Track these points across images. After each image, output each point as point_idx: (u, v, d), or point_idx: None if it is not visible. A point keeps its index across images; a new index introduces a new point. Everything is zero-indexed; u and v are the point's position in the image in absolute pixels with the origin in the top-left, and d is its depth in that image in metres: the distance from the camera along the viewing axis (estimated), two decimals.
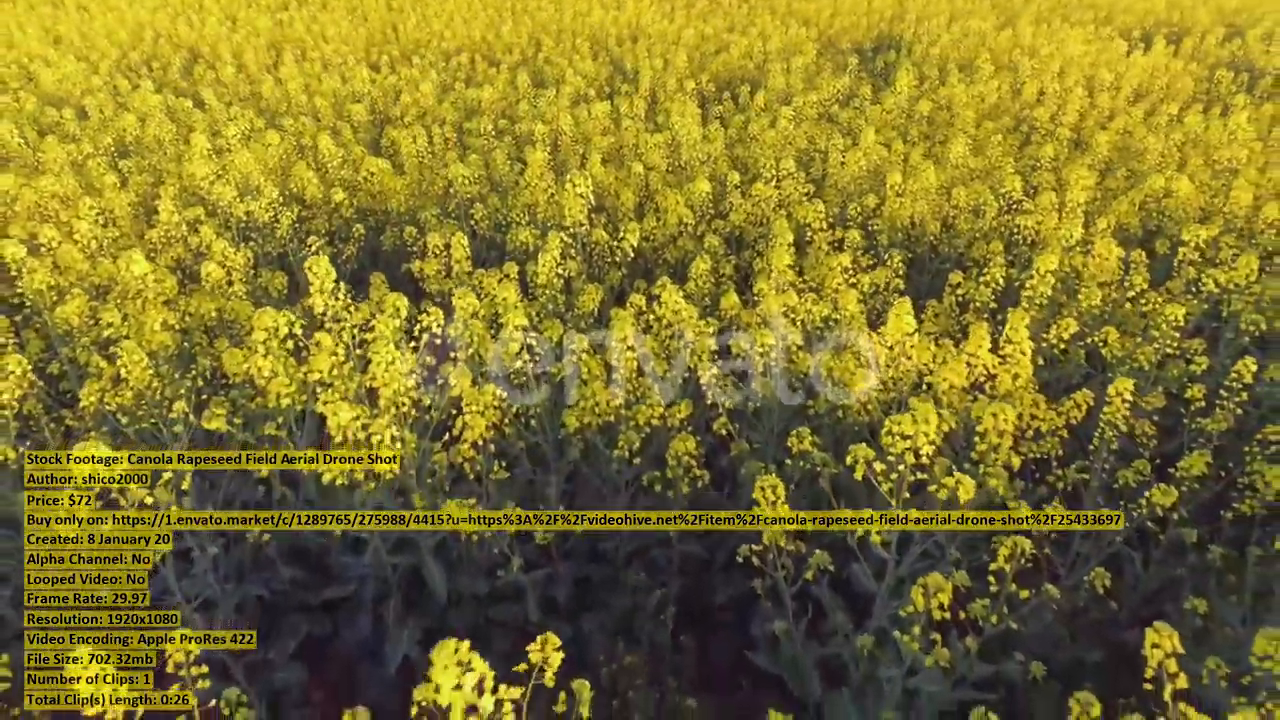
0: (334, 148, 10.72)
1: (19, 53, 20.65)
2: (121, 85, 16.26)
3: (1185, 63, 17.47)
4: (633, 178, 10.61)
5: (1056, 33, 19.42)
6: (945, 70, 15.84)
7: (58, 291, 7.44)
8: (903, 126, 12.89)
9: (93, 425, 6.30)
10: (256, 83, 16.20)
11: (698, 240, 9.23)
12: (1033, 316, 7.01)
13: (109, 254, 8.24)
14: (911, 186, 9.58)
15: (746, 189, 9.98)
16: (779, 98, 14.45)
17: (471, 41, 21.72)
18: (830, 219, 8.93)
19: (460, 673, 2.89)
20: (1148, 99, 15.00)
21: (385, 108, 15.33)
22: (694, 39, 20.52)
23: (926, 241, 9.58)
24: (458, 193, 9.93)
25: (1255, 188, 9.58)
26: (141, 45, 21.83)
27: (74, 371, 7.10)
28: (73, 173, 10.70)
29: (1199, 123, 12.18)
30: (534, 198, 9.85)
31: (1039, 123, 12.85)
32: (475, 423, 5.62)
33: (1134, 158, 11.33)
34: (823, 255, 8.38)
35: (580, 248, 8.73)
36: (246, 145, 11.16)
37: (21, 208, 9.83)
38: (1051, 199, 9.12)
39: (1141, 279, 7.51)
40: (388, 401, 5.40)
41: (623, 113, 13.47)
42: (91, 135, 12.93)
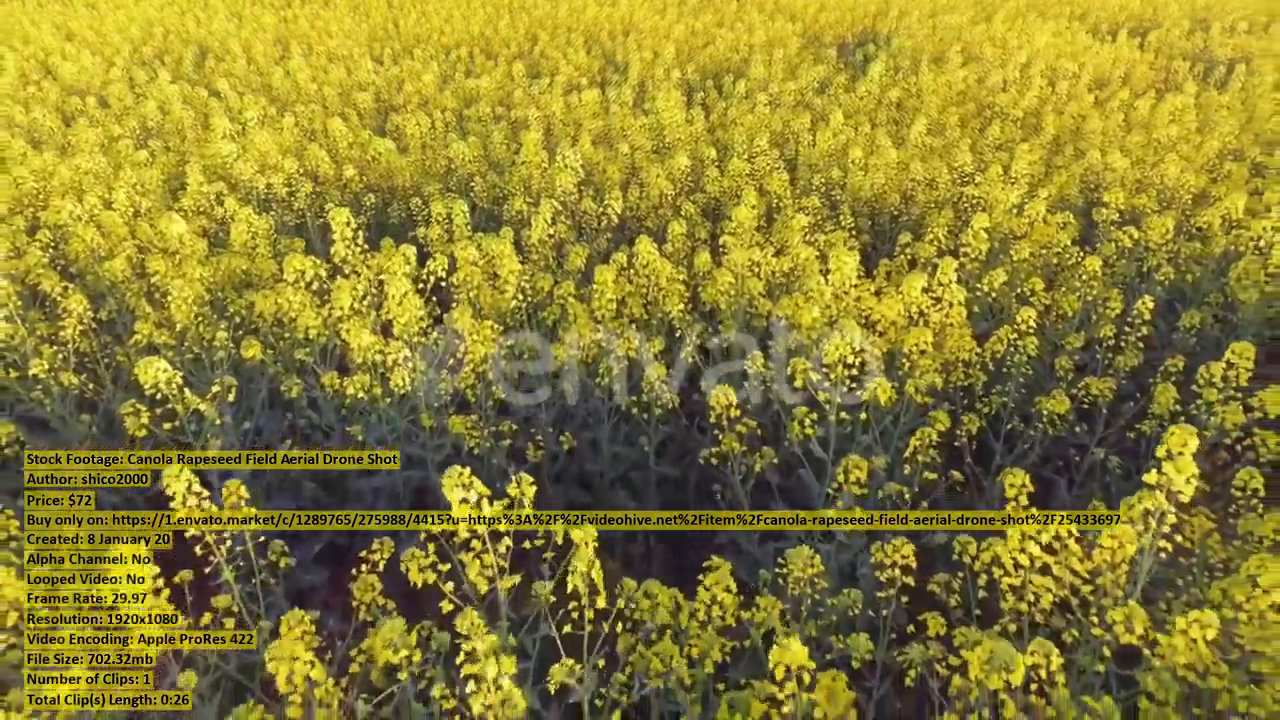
0: (344, 129, 11.62)
1: (35, 48, 21.54)
2: (138, 76, 17.16)
3: (1148, 54, 18.42)
4: (619, 157, 11.53)
5: (1028, 26, 20.36)
6: (918, 61, 16.77)
7: (102, 252, 8.36)
8: (872, 112, 13.82)
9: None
10: (266, 74, 17.09)
11: (676, 210, 10.14)
12: (969, 269, 7.96)
13: (147, 219, 9.14)
14: (873, 162, 10.51)
15: (724, 166, 10.90)
16: (760, 86, 15.37)
17: (470, 37, 22.63)
18: (799, 192, 9.85)
19: (465, 490, 3.83)
20: (1108, 87, 15.93)
21: (390, 96, 16.24)
22: (684, 33, 21.44)
23: (887, 212, 10.51)
24: (459, 169, 10.84)
25: (1186, 162, 10.52)
26: (152, 40, 22.72)
27: (120, 319, 7.99)
28: (101, 152, 11.61)
29: (1146, 106, 13.12)
30: (529, 173, 10.76)
31: (1000, 108, 13.79)
32: (476, 350, 6.54)
33: (1082, 138, 12.26)
34: (789, 220, 9.30)
35: (570, 215, 9.64)
36: (262, 128, 12.06)
37: (57, 183, 10.74)
38: (999, 172, 10.04)
39: (1069, 236, 8.43)
40: (401, 329, 6.32)
41: (611, 100, 14.38)
42: (116, 120, 13.83)
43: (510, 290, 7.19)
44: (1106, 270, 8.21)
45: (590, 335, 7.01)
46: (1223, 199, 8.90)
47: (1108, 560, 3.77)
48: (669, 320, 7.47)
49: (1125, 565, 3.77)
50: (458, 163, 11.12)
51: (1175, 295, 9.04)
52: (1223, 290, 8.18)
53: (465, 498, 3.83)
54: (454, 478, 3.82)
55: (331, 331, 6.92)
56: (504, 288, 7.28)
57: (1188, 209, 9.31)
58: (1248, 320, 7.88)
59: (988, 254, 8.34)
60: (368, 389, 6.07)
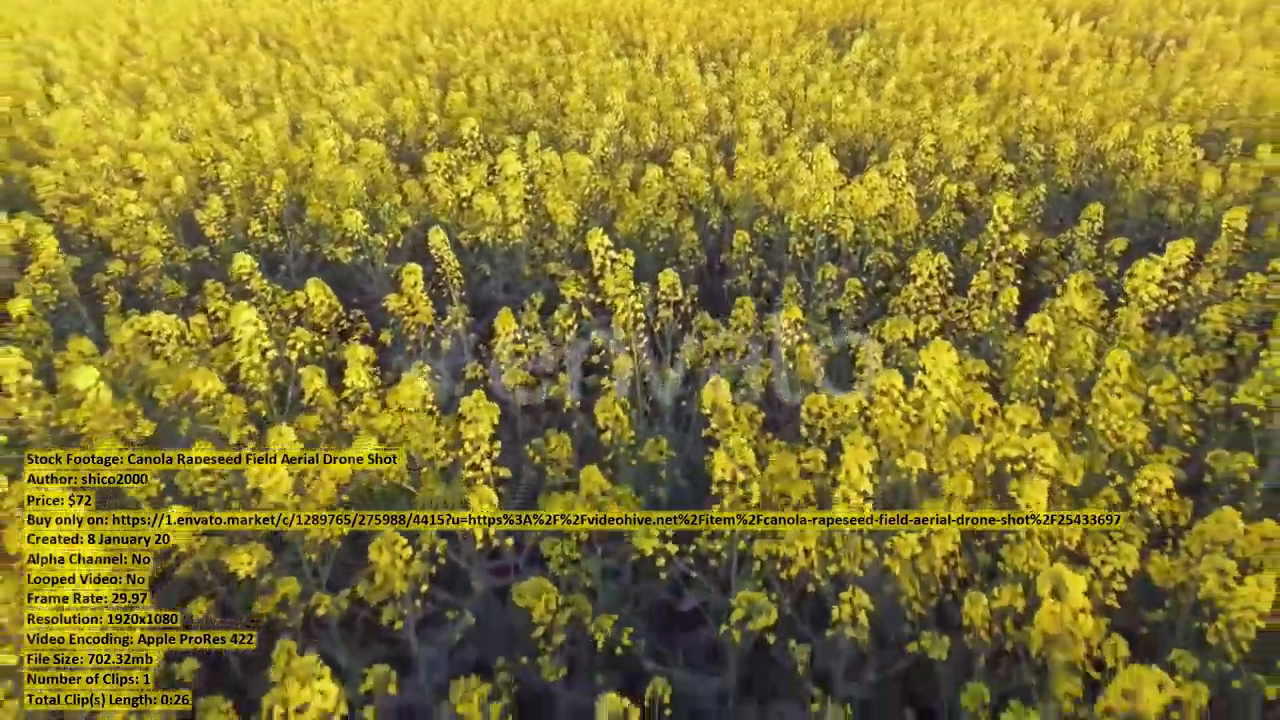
0: (427, 84, 14.40)
1: (108, 34, 24.25)
2: (222, 52, 19.87)
3: (1098, 34, 21.22)
4: (648, 109, 14.27)
5: (996, 12, 23.13)
6: (897, 38, 19.55)
7: (269, 159, 11.14)
8: (855, 76, 16.59)
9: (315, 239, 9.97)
10: (337, 51, 19.81)
11: (696, 141, 12.91)
12: (919, 176, 10.73)
13: (298, 143, 11.91)
14: (851, 108, 13.28)
15: (735, 111, 13.65)
16: (761, 57, 18.14)
17: (499, 22, 25.36)
18: (793, 129, 12.58)
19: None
20: (1058, 61, 18.70)
21: (446, 66, 18.98)
22: (693, 18, 24.19)
23: (862, 148, 13.29)
24: (519, 116, 13.59)
25: (1101, 108, 13.32)
26: (213, 25, 25.43)
27: (288, 208, 10.67)
28: (232, 99, 14.38)
29: (1079, 71, 15.93)
30: (579, 116, 13.50)
31: (961, 73, 16.56)
32: (563, 219, 9.27)
33: (1025, 93, 15.04)
34: (786, 147, 12.08)
35: (617, 142, 12.40)
36: (358, 84, 14.84)
37: (199, 124, 13.48)
38: (950, 114, 12.81)
39: (994, 152, 11.20)
40: (514, 200, 9.05)
41: (635, 68, 17.13)
42: (230, 77, 16.60)
43: (584, 181, 9.94)
44: (1021, 173, 11.05)
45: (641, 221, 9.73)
46: (1114, 129, 11.68)
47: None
48: (696, 207, 10.22)
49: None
50: (519, 111, 13.85)
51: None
52: (1113, 188, 11.03)
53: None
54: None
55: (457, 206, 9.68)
56: (578, 179, 10.03)
57: (1090, 137, 12.11)
58: (1128, 205, 10.70)
59: (935, 166, 11.10)
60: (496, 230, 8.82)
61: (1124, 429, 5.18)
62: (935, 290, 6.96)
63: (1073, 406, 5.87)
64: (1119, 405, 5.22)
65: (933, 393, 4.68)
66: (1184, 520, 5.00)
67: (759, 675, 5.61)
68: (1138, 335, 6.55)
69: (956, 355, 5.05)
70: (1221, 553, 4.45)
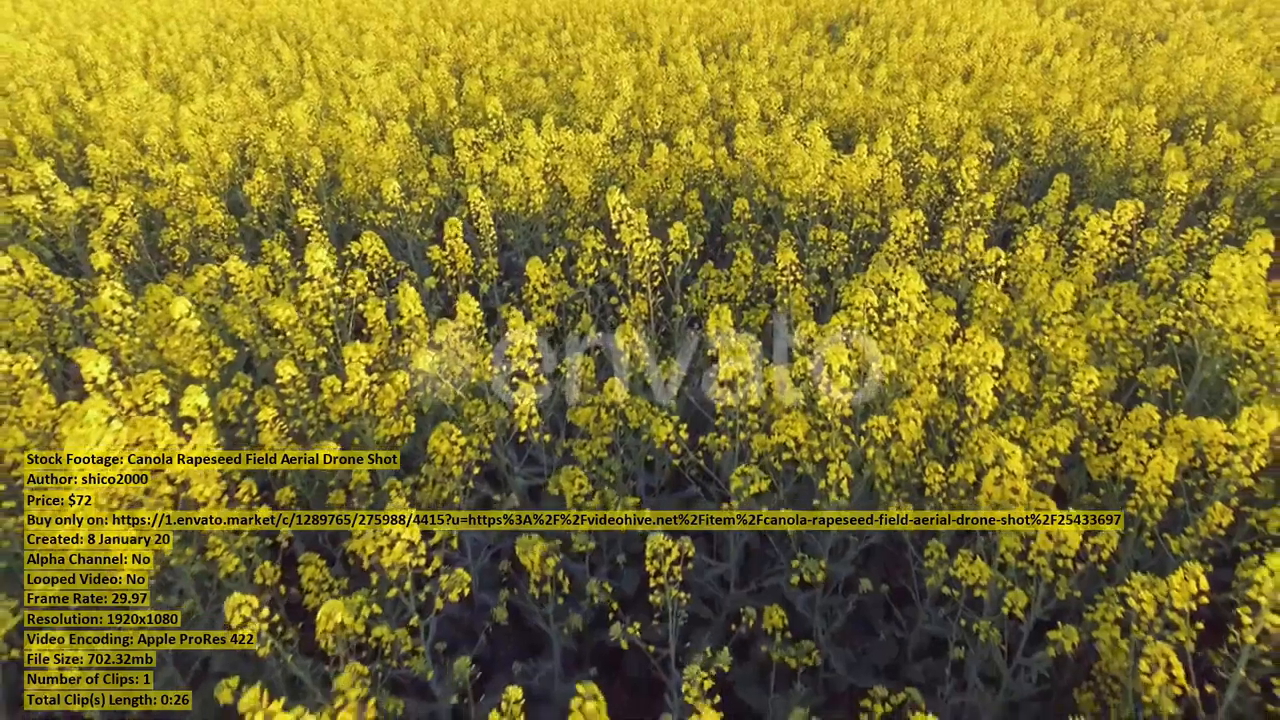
0: (445, 73, 15.32)
1: (131, 27, 25.17)
2: (245, 44, 20.78)
3: (1083, 28, 22.15)
4: (654, 96, 15.20)
5: (985, 6, 24.07)
6: (889, 31, 20.47)
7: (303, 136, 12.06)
8: (849, 66, 17.52)
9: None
10: (354, 41, 20.72)
11: (699, 125, 13.84)
12: (904, 154, 11.64)
13: (330, 120, 12.83)
14: (844, 93, 14.21)
15: (735, 96, 14.57)
16: (760, 47, 19.06)
17: (507, 17, 26.28)
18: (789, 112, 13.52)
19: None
20: (1042, 52, 19.62)
21: (460, 58, 19.90)
22: (694, 13, 25.11)
23: (854, 130, 14.21)
24: (534, 102, 14.51)
25: (1076, 94, 14.25)
26: (230, 20, 26.36)
27: (324, 183, 11.62)
28: (261, 87, 15.30)
29: (1059, 61, 16.86)
30: (590, 103, 14.43)
31: (948, 62, 17.48)
32: (578, 190, 10.19)
33: (1007, 80, 15.96)
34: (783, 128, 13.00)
35: (626, 125, 13.33)
36: (378, 74, 15.77)
37: (232, 109, 14.40)
38: (936, 99, 13.73)
39: (975, 134, 12.12)
40: (533, 171, 9.97)
41: (640, 59, 18.05)
42: (256, 69, 17.52)
43: (597, 156, 10.85)
44: (1000, 152, 11.97)
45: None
46: (1085, 110, 12.61)
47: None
48: (700, 181, 11.14)
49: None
50: (533, 98, 14.75)
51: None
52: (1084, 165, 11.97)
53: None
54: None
55: (481, 180, 10.61)
56: (591, 155, 10.96)
57: (1066, 120, 13.05)
58: (1100, 181, 11.63)
59: (920, 145, 12.03)
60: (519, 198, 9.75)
61: (1065, 347, 6.12)
62: (912, 242, 7.87)
63: (1027, 337, 6.80)
64: (1063, 327, 6.16)
65: (899, 309, 5.62)
66: (1116, 422, 5.93)
67: (754, 564, 6.57)
68: (1088, 279, 7.48)
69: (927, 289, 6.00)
70: (1140, 439, 5.38)
